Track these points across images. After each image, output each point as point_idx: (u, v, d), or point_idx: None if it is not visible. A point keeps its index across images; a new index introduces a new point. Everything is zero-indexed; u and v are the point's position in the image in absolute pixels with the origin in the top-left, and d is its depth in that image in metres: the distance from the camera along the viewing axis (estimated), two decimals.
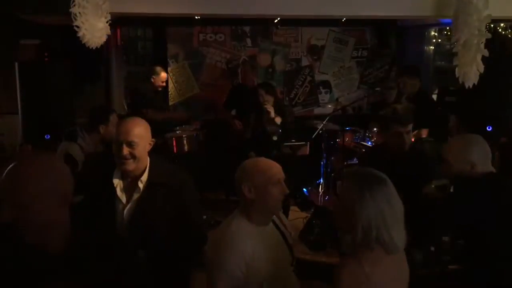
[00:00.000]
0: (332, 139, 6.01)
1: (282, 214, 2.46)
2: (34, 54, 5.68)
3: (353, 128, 5.90)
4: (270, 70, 7.03)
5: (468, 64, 3.58)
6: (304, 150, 5.61)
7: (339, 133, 5.84)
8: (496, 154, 4.55)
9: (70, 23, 3.25)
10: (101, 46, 3.43)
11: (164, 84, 5.96)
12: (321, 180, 5.82)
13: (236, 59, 6.89)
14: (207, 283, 2.13)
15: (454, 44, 3.71)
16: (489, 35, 3.61)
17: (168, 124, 5.71)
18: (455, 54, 3.71)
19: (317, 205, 5.07)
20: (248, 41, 6.94)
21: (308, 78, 7.17)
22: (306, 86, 7.19)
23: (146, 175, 2.36)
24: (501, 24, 5.33)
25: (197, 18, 6.03)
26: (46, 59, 5.44)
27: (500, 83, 5.04)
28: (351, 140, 5.76)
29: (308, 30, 7.00)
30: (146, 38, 6.93)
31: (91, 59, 5.39)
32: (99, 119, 3.56)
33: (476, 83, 3.65)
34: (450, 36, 3.78)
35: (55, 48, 5.97)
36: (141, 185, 2.34)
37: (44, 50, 5.76)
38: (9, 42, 5.16)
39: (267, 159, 2.28)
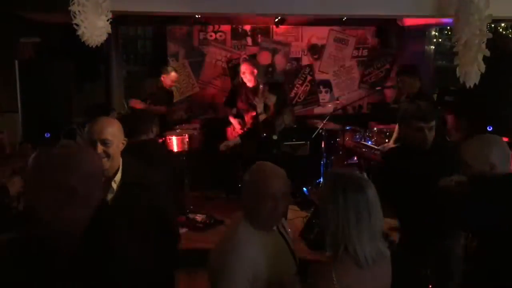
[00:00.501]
0: (332, 139, 6.01)
1: (284, 220, 2.39)
2: (34, 53, 5.68)
3: (353, 128, 5.89)
4: (270, 69, 7.02)
5: (469, 64, 3.58)
6: (304, 150, 5.60)
7: (339, 133, 5.84)
8: None
9: (70, 22, 3.24)
10: (101, 45, 3.42)
11: (173, 84, 5.95)
12: (321, 180, 5.81)
13: (237, 58, 6.89)
14: None
15: (455, 44, 3.70)
16: (490, 35, 3.60)
17: (168, 123, 5.71)
18: (456, 54, 3.70)
19: (317, 205, 5.06)
20: (249, 40, 6.93)
21: (309, 77, 7.16)
22: (307, 85, 7.18)
23: (120, 175, 2.33)
24: (502, 24, 5.33)
25: (198, 17, 6.03)
26: (46, 58, 5.43)
27: (501, 83, 5.04)
28: (351, 140, 5.75)
29: (309, 29, 7.00)
30: (146, 37, 6.94)
31: (91, 58, 5.38)
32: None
33: (477, 83, 3.65)
34: (451, 36, 3.76)
35: (55, 47, 5.97)
36: (115, 185, 2.31)
37: (44, 49, 5.76)
38: (9, 41, 5.15)
39: (275, 169, 2.11)
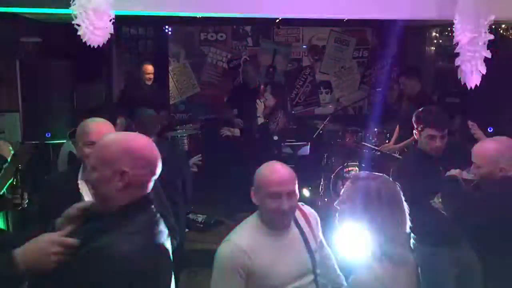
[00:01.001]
0: (333, 139, 6.01)
1: (315, 214, 2.32)
2: (35, 52, 5.68)
3: (354, 129, 5.90)
4: (271, 70, 7.02)
5: (470, 65, 3.57)
6: (305, 150, 5.60)
7: (340, 133, 5.85)
8: None
9: (71, 21, 3.24)
10: (102, 45, 3.41)
11: (151, 76, 5.88)
12: (321, 180, 5.81)
13: (237, 59, 6.89)
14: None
15: (456, 45, 3.70)
16: (492, 36, 3.59)
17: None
18: (457, 55, 3.70)
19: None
20: (249, 41, 6.94)
21: (309, 78, 7.16)
22: (307, 86, 7.18)
23: None
24: (503, 26, 5.33)
25: (199, 18, 6.03)
26: (47, 58, 5.43)
27: (502, 85, 5.03)
28: (352, 140, 5.76)
29: (309, 30, 7.00)
30: (147, 37, 6.93)
31: (92, 58, 5.38)
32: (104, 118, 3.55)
33: (478, 84, 3.64)
34: (452, 37, 3.75)
35: (56, 47, 5.96)
36: None
37: (45, 49, 5.75)
38: (10, 40, 5.15)
39: (282, 168, 2.09)
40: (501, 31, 5.30)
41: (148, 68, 5.81)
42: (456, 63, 3.71)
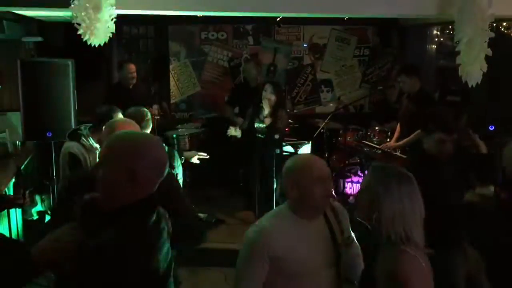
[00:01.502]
0: (334, 138, 6.01)
1: (344, 210, 2.35)
2: (36, 52, 5.68)
3: (355, 127, 5.89)
4: (272, 69, 7.02)
5: (471, 63, 3.57)
6: (306, 149, 5.59)
7: (341, 132, 5.84)
8: (499, 154, 4.53)
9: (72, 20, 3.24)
10: (103, 44, 3.42)
11: (135, 75, 5.83)
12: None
13: (238, 57, 6.89)
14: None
15: (457, 43, 3.69)
16: (493, 34, 3.59)
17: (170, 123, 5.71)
18: (458, 53, 3.69)
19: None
20: (250, 39, 6.94)
21: (310, 77, 7.16)
22: (308, 85, 7.18)
23: None
24: (504, 23, 5.32)
25: (199, 16, 6.02)
26: (48, 57, 5.43)
27: (503, 82, 5.03)
28: (353, 139, 5.75)
29: (310, 29, 6.99)
30: (148, 36, 6.93)
31: (93, 57, 5.38)
32: (104, 119, 3.55)
33: (479, 82, 3.64)
34: (453, 35, 3.75)
35: (58, 46, 5.97)
36: None
37: (46, 48, 5.76)
38: (11, 40, 5.16)
39: (312, 156, 2.23)
40: (502, 29, 5.28)
41: (132, 68, 5.77)
42: (457, 62, 3.71)
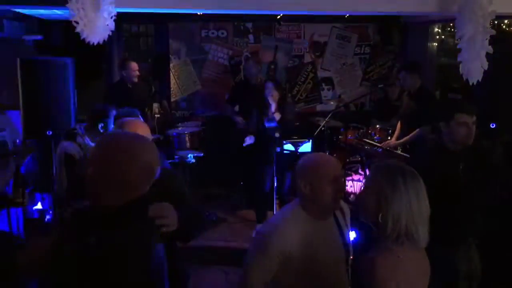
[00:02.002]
0: (335, 136, 5.99)
1: (348, 209, 2.37)
2: (36, 50, 5.67)
3: (356, 125, 5.88)
4: (273, 67, 7.01)
5: (472, 61, 3.55)
6: (307, 147, 5.59)
7: (342, 130, 5.83)
8: (500, 152, 4.53)
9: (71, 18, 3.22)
10: (103, 42, 3.40)
11: (137, 73, 5.74)
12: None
13: (239, 56, 6.88)
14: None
15: (458, 41, 3.68)
16: (494, 32, 3.57)
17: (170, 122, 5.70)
18: (459, 51, 3.68)
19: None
20: (251, 37, 6.92)
21: (311, 75, 7.14)
22: (309, 83, 7.16)
23: None
24: (505, 21, 5.30)
25: (200, 14, 6.01)
26: (48, 55, 5.42)
27: (504, 80, 5.01)
28: (354, 137, 5.74)
29: (311, 27, 6.98)
30: (148, 34, 6.92)
31: (93, 55, 5.38)
32: (99, 118, 3.55)
33: (480, 80, 3.63)
34: (454, 33, 3.73)
35: (57, 44, 5.96)
36: None
37: (46, 46, 5.75)
38: (12, 38, 5.15)
39: (325, 155, 2.26)
40: (503, 26, 5.27)
41: (135, 66, 5.76)
42: (458, 59, 3.70)
